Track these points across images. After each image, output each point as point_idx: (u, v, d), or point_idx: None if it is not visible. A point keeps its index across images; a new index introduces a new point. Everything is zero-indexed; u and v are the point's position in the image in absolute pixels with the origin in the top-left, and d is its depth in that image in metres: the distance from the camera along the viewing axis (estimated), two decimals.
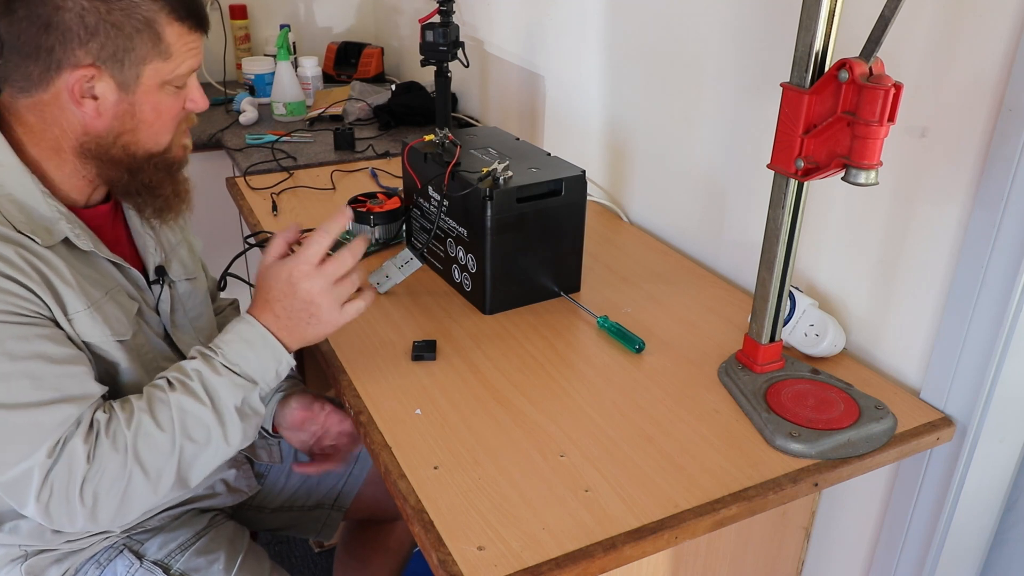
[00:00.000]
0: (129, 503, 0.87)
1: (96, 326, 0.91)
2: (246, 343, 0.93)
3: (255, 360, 0.93)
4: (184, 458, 0.89)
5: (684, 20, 1.33)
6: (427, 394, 1.00)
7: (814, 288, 1.16)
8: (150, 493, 0.88)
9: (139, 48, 0.88)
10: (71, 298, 0.89)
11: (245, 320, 0.95)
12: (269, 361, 0.94)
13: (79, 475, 0.84)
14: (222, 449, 0.92)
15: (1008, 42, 0.85)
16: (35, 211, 0.90)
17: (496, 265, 1.16)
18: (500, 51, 1.97)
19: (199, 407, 0.89)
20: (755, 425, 0.95)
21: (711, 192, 1.34)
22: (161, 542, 1.06)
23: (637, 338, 1.10)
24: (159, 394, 0.89)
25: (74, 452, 0.84)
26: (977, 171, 0.91)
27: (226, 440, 0.91)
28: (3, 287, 0.83)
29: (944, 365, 0.98)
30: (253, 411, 0.94)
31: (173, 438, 0.88)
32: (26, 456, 0.83)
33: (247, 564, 1.09)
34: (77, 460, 0.84)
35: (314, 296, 0.94)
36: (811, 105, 0.87)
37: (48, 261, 0.88)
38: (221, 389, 0.90)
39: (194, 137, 2.14)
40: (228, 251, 1.39)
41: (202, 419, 0.89)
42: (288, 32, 2.25)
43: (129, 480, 0.86)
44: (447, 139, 1.29)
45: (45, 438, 0.83)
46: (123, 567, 1.03)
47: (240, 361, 0.92)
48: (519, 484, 0.85)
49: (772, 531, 1.11)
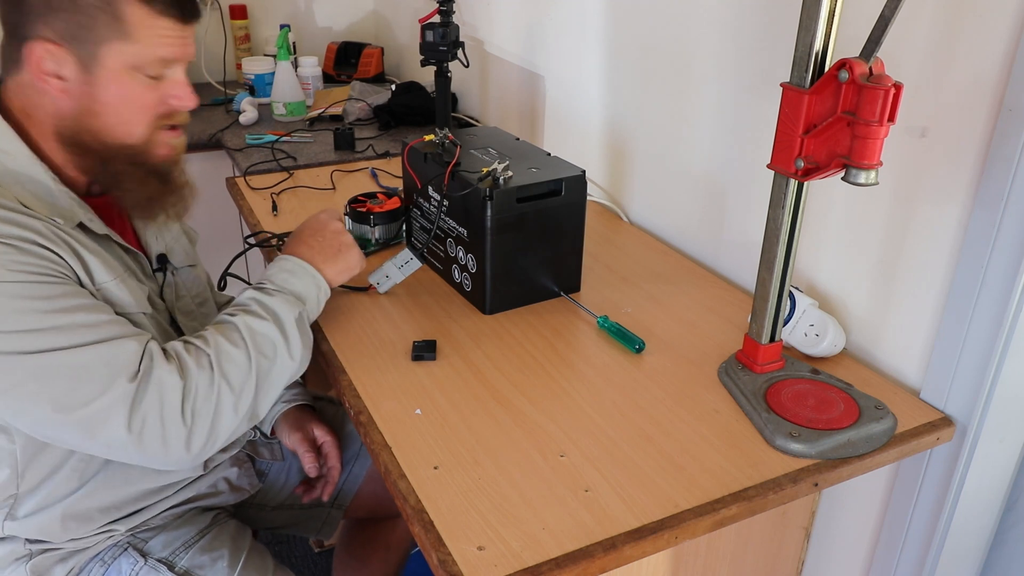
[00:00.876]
0: (219, 424, 0.90)
1: (124, 296, 0.94)
2: (288, 272, 1.03)
3: (299, 283, 1.02)
4: (260, 373, 0.93)
5: (684, 20, 1.33)
6: (427, 394, 1.00)
7: (814, 288, 1.16)
8: (234, 412, 0.91)
9: (98, 27, 0.88)
10: (99, 270, 0.92)
11: (281, 258, 1.05)
12: (311, 285, 1.03)
13: (175, 396, 0.87)
14: (288, 364, 0.97)
15: (1008, 42, 0.85)
16: (50, 197, 0.92)
17: (496, 265, 1.16)
18: (500, 51, 1.97)
19: (264, 324, 0.95)
20: (755, 425, 0.95)
21: (711, 192, 1.34)
22: (165, 540, 1.06)
23: (637, 338, 1.10)
24: (225, 323, 0.95)
25: (162, 378, 0.86)
26: (977, 171, 0.91)
27: (290, 354, 0.97)
28: (40, 253, 0.86)
29: (944, 365, 0.98)
30: (307, 330, 1.00)
31: (248, 353, 0.93)
32: (104, 390, 0.84)
33: (250, 561, 1.10)
34: (168, 383, 0.87)
35: (340, 231, 1.10)
36: (811, 105, 0.87)
37: (74, 236, 0.91)
38: (278, 307, 0.97)
39: (194, 137, 2.16)
40: (228, 251, 1.39)
41: (268, 335, 0.95)
42: (288, 32, 2.25)
43: (219, 397, 0.89)
44: (447, 139, 1.29)
45: (121, 370, 0.85)
46: (128, 565, 1.03)
47: (287, 285, 1.01)
48: (519, 484, 0.85)
49: (772, 531, 1.11)
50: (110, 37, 0.89)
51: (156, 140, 0.97)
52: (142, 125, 0.95)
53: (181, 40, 0.94)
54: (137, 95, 0.93)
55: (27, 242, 0.85)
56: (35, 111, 0.92)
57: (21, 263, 0.84)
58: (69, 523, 0.98)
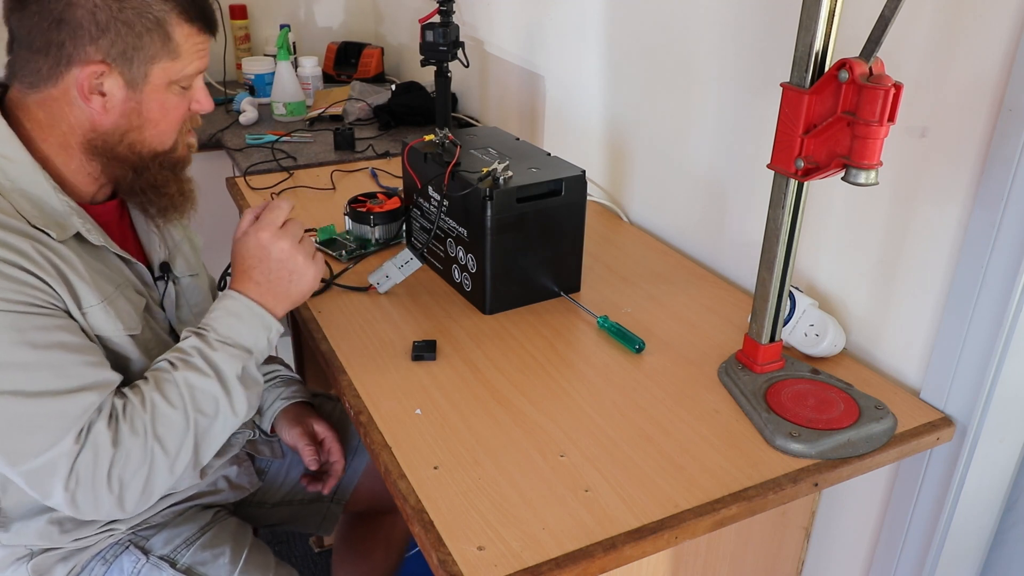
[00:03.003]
0: (152, 485, 0.88)
1: (109, 320, 0.92)
2: (234, 316, 0.95)
3: (246, 331, 0.95)
4: (198, 433, 0.91)
5: (684, 20, 1.33)
6: (427, 394, 1.00)
7: (814, 288, 1.16)
8: (169, 473, 0.89)
9: (148, 47, 0.89)
10: (85, 292, 0.90)
11: (228, 296, 0.97)
12: (259, 330, 0.96)
13: (105, 461, 0.85)
14: (230, 420, 0.93)
15: (1008, 42, 0.85)
16: (47, 206, 0.91)
17: (496, 265, 1.16)
18: (500, 51, 1.97)
19: (205, 380, 0.91)
20: (755, 425, 0.95)
21: (711, 192, 1.34)
22: (166, 537, 1.06)
23: (637, 338, 1.10)
24: (164, 375, 0.91)
25: (98, 439, 0.84)
26: (977, 171, 0.91)
27: (233, 410, 0.93)
28: (21, 279, 0.84)
29: (944, 365, 0.98)
30: (253, 380, 0.96)
31: (186, 414, 0.89)
32: (53, 444, 0.83)
33: (252, 558, 1.10)
34: (103, 446, 0.84)
35: (288, 253, 0.97)
36: (811, 105, 0.87)
37: (63, 256, 0.89)
38: (221, 361, 0.92)
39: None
40: (228, 251, 1.39)
41: (209, 391, 0.91)
42: (288, 32, 2.25)
43: (152, 462, 0.87)
44: (447, 139, 1.29)
45: (71, 426, 0.84)
46: (129, 563, 1.03)
47: (232, 334, 0.94)
48: (519, 484, 0.85)
49: (772, 531, 1.11)
50: (160, 56, 0.91)
51: (181, 143, 1.00)
52: (174, 133, 0.98)
53: (207, 52, 0.98)
54: (173, 106, 0.95)
55: (12, 266, 0.83)
56: (59, 123, 0.91)
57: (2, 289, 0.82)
58: (67, 525, 0.98)
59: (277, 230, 0.97)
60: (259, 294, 0.97)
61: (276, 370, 1.28)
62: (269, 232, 0.97)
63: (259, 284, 0.97)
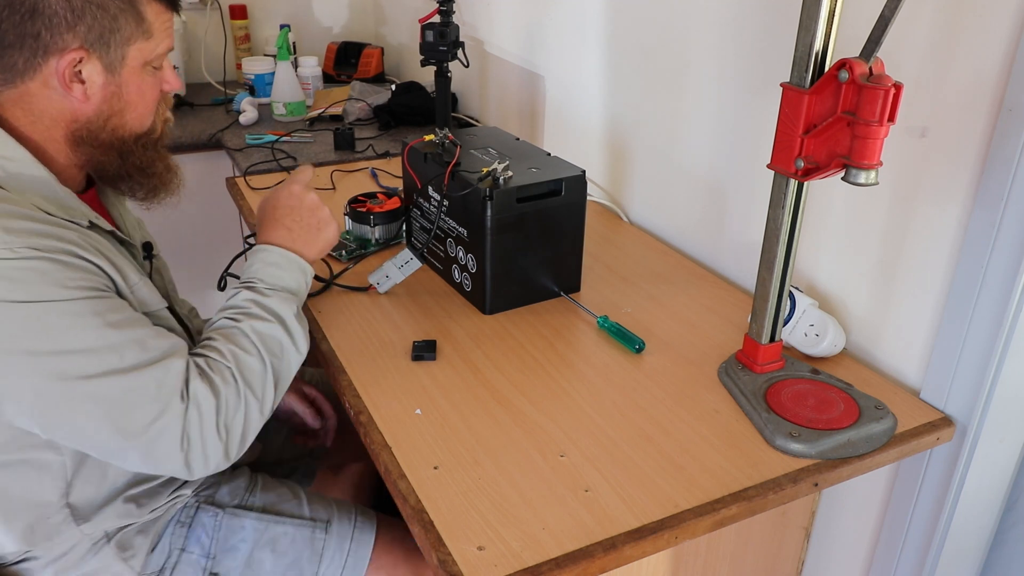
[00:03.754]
0: (249, 429, 0.92)
1: (153, 294, 0.96)
2: (273, 265, 1.01)
3: (287, 276, 1.01)
4: (275, 373, 0.95)
5: (684, 20, 1.33)
6: (427, 394, 1.00)
7: (814, 288, 1.16)
8: (260, 415, 0.93)
9: (124, 28, 0.90)
10: (128, 270, 0.93)
11: (262, 249, 1.02)
12: (298, 273, 1.02)
13: (211, 414, 0.88)
14: (296, 357, 0.98)
15: (1008, 42, 0.85)
16: (60, 200, 0.91)
17: (496, 265, 1.16)
18: (500, 51, 1.97)
19: (269, 326, 0.96)
20: (755, 425, 0.95)
21: (711, 192, 1.34)
22: (228, 491, 1.12)
23: (637, 338, 1.10)
24: (231, 329, 0.95)
25: (198, 394, 0.87)
26: (977, 171, 0.91)
27: (297, 348, 0.98)
28: (82, 267, 0.86)
29: (944, 365, 0.98)
30: (302, 319, 1.01)
31: (262, 358, 0.94)
32: (162, 411, 0.85)
33: (310, 494, 1.16)
34: (205, 400, 0.87)
35: (317, 203, 1.06)
36: (811, 105, 0.87)
37: (101, 241, 0.91)
38: (278, 307, 0.97)
39: (194, 137, 2.16)
40: (228, 251, 1.39)
41: (275, 335, 0.96)
42: (288, 32, 2.25)
43: (247, 407, 0.91)
44: (447, 139, 1.29)
45: (172, 390, 0.86)
46: (208, 518, 1.08)
47: (277, 281, 1.00)
48: (519, 484, 0.85)
49: (772, 531, 1.11)
50: (135, 37, 0.91)
51: (157, 122, 1.01)
52: (152, 114, 0.98)
53: (173, 30, 0.98)
54: (149, 87, 0.96)
55: (69, 255, 0.85)
56: (41, 118, 0.91)
57: (70, 279, 0.83)
58: (142, 500, 1.01)
59: (307, 185, 1.07)
60: (291, 240, 1.03)
61: None
62: (300, 185, 1.07)
63: (290, 230, 1.03)
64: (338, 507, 1.15)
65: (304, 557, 1.09)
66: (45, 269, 0.82)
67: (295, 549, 1.09)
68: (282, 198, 1.06)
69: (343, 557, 1.10)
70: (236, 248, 1.36)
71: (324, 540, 1.10)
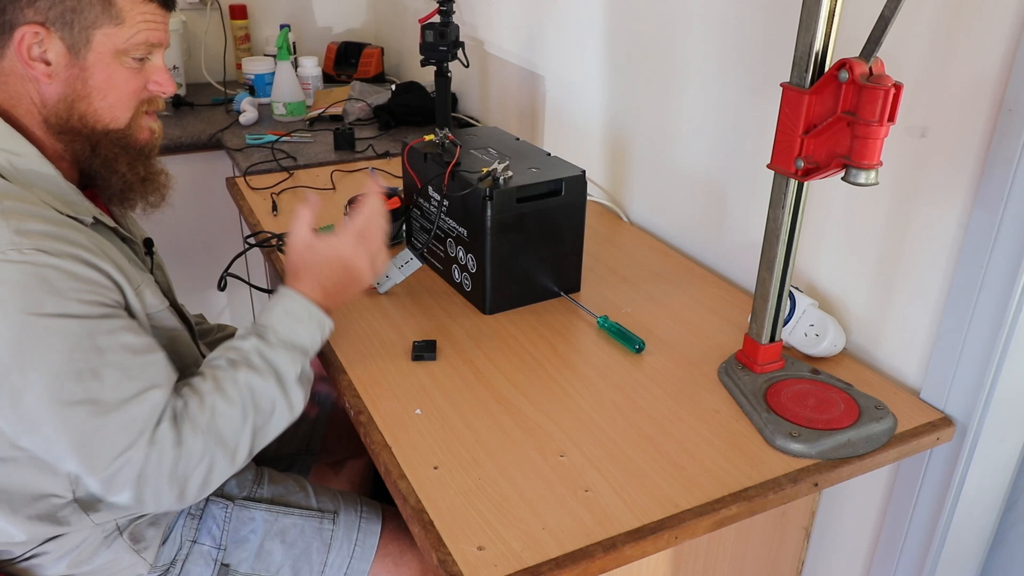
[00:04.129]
0: (212, 478, 0.90)
1: (156, 295, 0.96)
2: (294, 317, 0.97)
3: (303, 331, 0.97)
4: (256, 428, 0.92)
5: (684, 20, 1.33)
6: (427, 394, 1.00)
7: (814, 288, 1.16)
8: (229, 466, 0.91)
9: (87, 10, 0.88)
10: (132, 272, 0.92)
11: (287, 296, 0.99)
12: (315, 330, 0.99)
13: (169, 461, 0.86)
14: (286, 417, 0.95)
15: (1008, 42, 0.85)
16: (64, 195, 0.91)
17: (496, 265, 1.16)
18: (500, 51, 1.97)
19: (265, 383, 0.93)
20: (755, 425, 0.95)
21: (711, 192, 1.34)
22: (236, 483, 1.12)
23: (637, 338, 1.10)
24: (224, 374, 0.92)
25: (164, 439, 0.86)
26: (977, 171, 0.91)
27: (290, 408, 0.95)
28: (87, 276, 0.85)
29: (944, 365, 0.98)
30: (307, 378, 0.98)
31: (244, 412, 0.91)
32: (126, 448, 0.84)
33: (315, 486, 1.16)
34: (167, 446, 0.86)
35: (361, 265, 1.01)
36: (811, 105, 0.87)
37: (104, 242, 0.90)
38: (281, 363, 0.94)
39: (194, 137, 2.16)
40: (228, 251, 1.39)
41: (268, 392, 0.93)
42: (288, 32, 2.25)
43: (212, 459, 0.89)
44: (447, 139, 1.29)
45: (142, 429, 0.85)
46: (219, 510, 1.08)
47: (291, 335, 0.96)
48: (519, 484, 0.85)
49: (772, 531, 1.11)
50: (101, 21, 0.89)
51: (139, 124, 0.99)
52: (128, 110, 0.96)
53: (163, 26, 0.95)
54: (123, 79, 0.94)
55: (77, 260, 0.84)
56: (20, 101, 0.91)
57: (72, 290, 0.82)
58: None
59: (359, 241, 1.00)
60: (321, 296, 0.99)
61: None
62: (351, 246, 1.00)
63: (324, 288, 0.99)
64: (344, 498, 1.16)
65: (313, 547, 1.10)
66: (50, 277, 0.81)
67: (304, 539, 1.09)
68: (331, 259, 0.99)
69: (351, 546, 1.11)
70: (236, 248, 1.36)
71: (332, 530, 1.11)
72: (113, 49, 0.91)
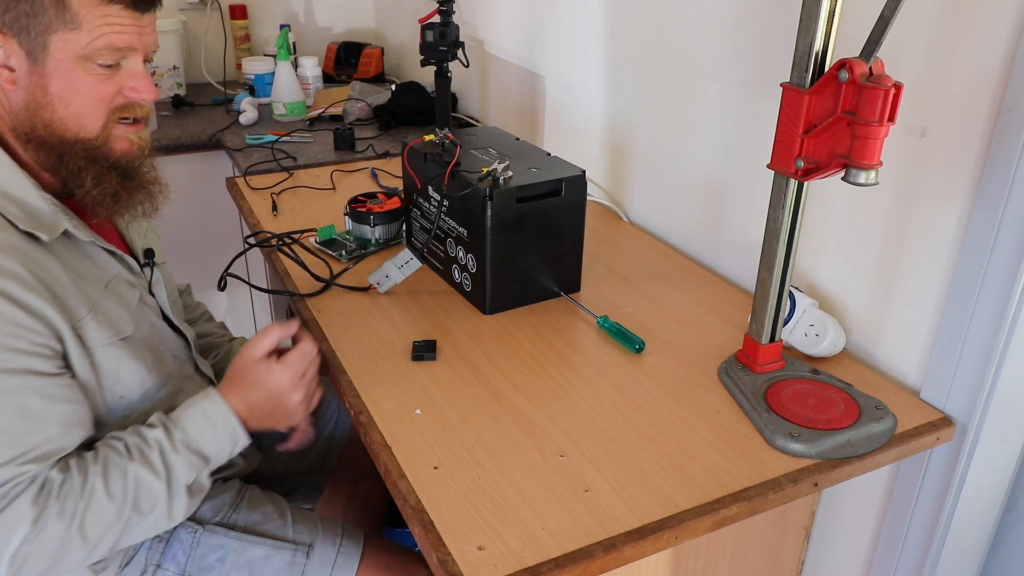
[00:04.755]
0: (59, 565, 0.86)
1: (101, 329, 0.91)
2: (210, 423, 0.95)
3: (213, 439, 0.95)
4: (127, 527, 0.89)
5: (684, 20, 1.33)
6: (427, 394, 1.00)
7: (814, 288, 1.16)
8: (83, 559, 0.87)
9: (40, 15, 0.85)
10: (75, 304, 0.88)
11: (212, 400, 0.96)
12: (226, 442, 0.96)
13: (18, 537, 0.82)
14: (162, 523, 0.92)
15: (1008, 42, 0.85)
16: (30, 205, 0.88)
17: (496, 265, 1.16)
18: (500, 51, 1.97)
19: (154, 480, 0.90)
20: (755, 425, 0.95)
21: (711, 192, 1.34)
22: (211, 506, 1.07)
23: (637, 338, 1.10)
24: (116, 459, 0.89)
25: (20, 512, 0.82)
26: (977, 171, 0.91)
27: (169, 515, 0.92)
28: (12, 318, 0.81)
29: (944, 365, 0.98)
30: (199, 488, 0.96)
31: (121, 510, 0.88)
32: None
33: (295, 514, 1.12)
34: (21, 521, 0.82)
35: (295, 403, 1.00)
36: (811, 105, 0.87)
37: (48, 268, 0.87)
38: (177, 465, 0.92)
39: (194, 137, 2.16)
40: (228, 251, 1.39)
41: (153, 492, 0.90)
42: (288, 32, 2.25)
43: (68, 547, 0.85)
44: (447, 139, 1.29)
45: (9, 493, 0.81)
46: (186, 535, 1.04)
47: (199, 439, 0.94)
48: (519, 484, 0.85)
49: (772, 531, 1.11)
50: (56, 26, 0.85)
51: (114, 134, 0.93)
52: (97, 118, 0.91)
53: (135, 28, 0.90)
54: (88, 86, 0.89)
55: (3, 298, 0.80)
56: None
57: None
58: None
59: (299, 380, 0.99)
60: (245, 413, 0.97)
61: None
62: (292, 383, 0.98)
63: (250, 408, 0.98)
64: (324, 528, 1.11)
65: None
66: None
67: (272, 573, 1.05)
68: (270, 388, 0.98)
69: None
70: (236, 248, 1.36)
71: (304, 565, 1.06)
72: (72, 55, 0.87)
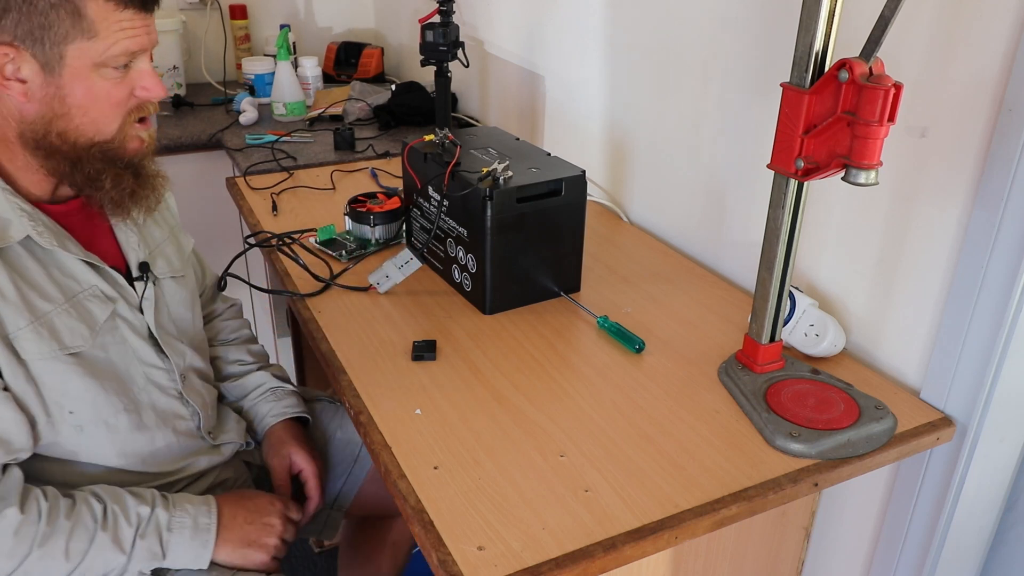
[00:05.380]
0: None
1: (42, 341, 0.89)
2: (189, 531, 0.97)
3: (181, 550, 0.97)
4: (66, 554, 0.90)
5: (684, 20, 1.33)
6: (427, 394, 1.00)
7: (814, 288, 1.16)
8: None
9: (56, 26, 0.84)
10: (11, 315, 0.87)
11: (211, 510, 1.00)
12: (188, 556, 0.97)
13: None
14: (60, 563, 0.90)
15: (1008, 42, 0.85)
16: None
17: (496, 265, 1.16)
18: (500, 51, 1.97)
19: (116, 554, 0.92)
20: (755, 425, 0.95)
21: (711, 192, 1.34)
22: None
23: (637, 338, 1.10)
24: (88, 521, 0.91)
25: None
26: (977, 171, 0.91)
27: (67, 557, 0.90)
28: None
29: (944, 365, 0.98)
30: None
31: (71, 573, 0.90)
32: None
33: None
34: None
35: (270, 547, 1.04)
36: (811, 105, 0.87)
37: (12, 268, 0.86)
38: (139, 552, 0.94)
39: (194, 137, 2.16)
40: (228, 251, 1.39)
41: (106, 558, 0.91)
42: (288, 32, 2.25)
43: None
44: (447, 139, 1.29)
45: None
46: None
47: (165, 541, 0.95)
48: (519, 484, 0.85)
49: (772, 531, 1.11)
50: (73, 36, 0.85)
51: (128, 134, 0.94)
52: (114, 121, 0.92)
53: (145, 29, 0.90)
54: (106, 92, 0.89)
55: None
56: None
57: None
58: None
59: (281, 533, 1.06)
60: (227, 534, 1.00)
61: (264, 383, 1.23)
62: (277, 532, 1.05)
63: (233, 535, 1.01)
64: None
65: None
66: None
67: None
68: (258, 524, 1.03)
69: None
70: (236, 248, 1.36)
71: None
72: (90, 63, 0.87)
